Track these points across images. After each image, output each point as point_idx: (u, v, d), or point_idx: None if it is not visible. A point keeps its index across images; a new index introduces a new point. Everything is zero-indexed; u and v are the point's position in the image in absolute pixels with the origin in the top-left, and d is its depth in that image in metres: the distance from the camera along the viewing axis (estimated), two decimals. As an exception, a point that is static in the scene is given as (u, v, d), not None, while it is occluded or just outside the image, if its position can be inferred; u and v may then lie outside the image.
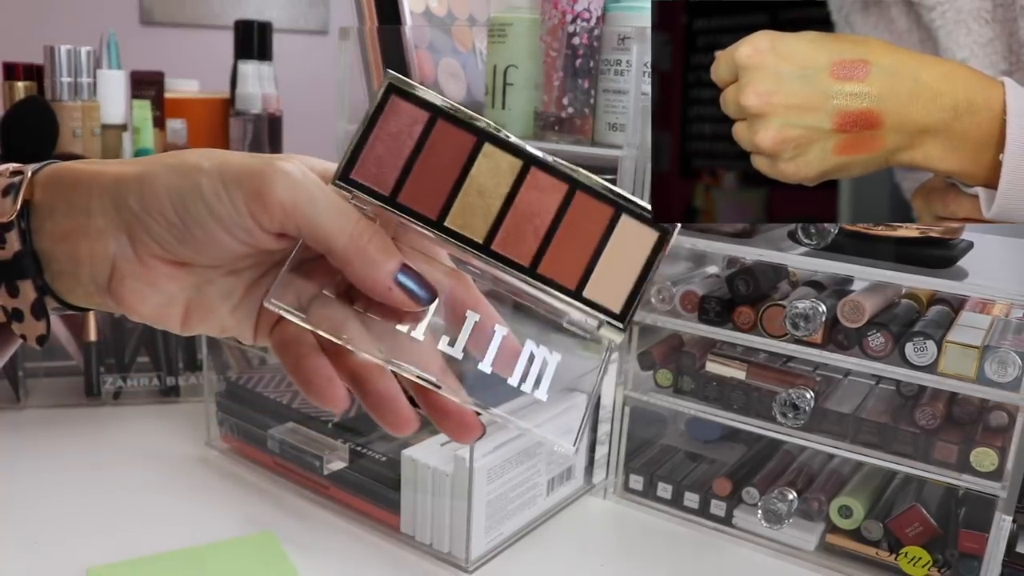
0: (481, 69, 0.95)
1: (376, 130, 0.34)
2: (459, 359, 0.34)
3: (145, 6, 2.49)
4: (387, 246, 0.33)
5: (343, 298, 0.35)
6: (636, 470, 0.76)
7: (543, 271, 0.33)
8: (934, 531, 0.64)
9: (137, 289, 0.34)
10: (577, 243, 0.34)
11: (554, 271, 0.33)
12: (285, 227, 0.33)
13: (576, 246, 0.34)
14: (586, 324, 0.34)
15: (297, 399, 0.77)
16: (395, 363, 0.34)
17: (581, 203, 0.34)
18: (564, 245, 0.34)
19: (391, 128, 0.34)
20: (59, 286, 0.35)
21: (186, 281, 0.35)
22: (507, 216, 0.34)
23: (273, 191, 0.32)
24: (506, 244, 0.34)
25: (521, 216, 0.34)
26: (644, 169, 0.70)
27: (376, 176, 0.34)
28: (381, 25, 0.90)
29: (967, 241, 0.67)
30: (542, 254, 0.34)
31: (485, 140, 0.34)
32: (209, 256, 0.34)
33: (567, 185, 0.34)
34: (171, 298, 0.35)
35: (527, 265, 0.33)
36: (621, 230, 0.34)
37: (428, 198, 0.34)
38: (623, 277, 0.34)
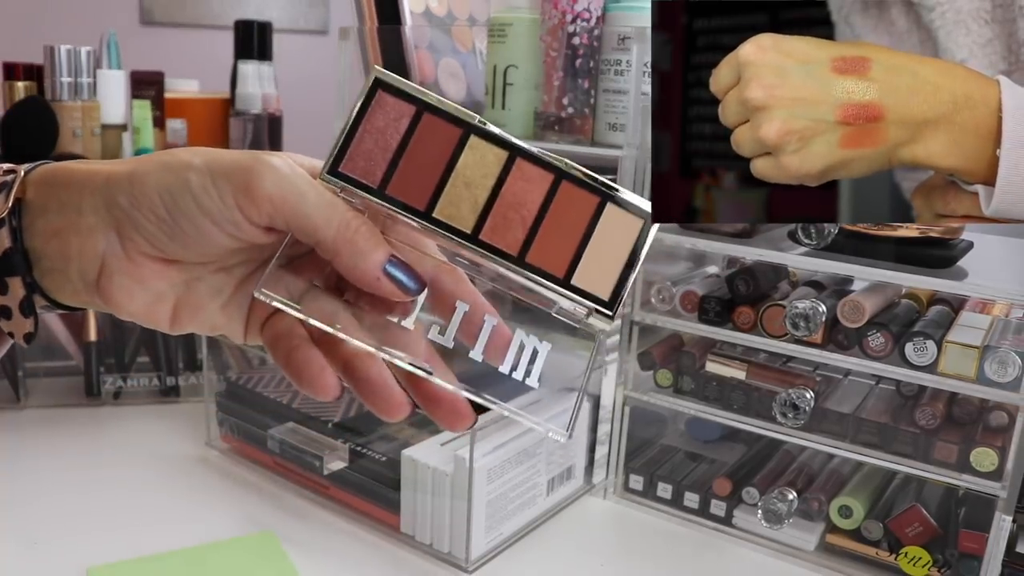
0: (481, 69, 0.95)
1: (363, 124, 0.34)
2: (449, 347, 0.34)
3: (145, 6, 2.49)
4: (375, 237, 0.33)
5: (333, 291, 0.36)
6: (636, 470, 0.76)
7: (531, 260, 0.34)
8: (934, 531, 0.64)
9: (125, 286, 0.34)
10: (564, 232, 0.34)
11: (542, 260, 0.34)
12: (273, 220, 0.33)
13: (563, 235, 0.34)
14: (576, 313, 0.34)
15: (297, 399, 0.77)
16: (386, 351, 0.34)
17: (567, 192, 0.34)
18: (551, 234, 0.34)
19: (378, 122, 0.34)
20: (48, 284, 0.35)
21: (175, 278, 0.35)
22: (494, 206, 0.34)
23: (261, 184, 0.32)
24: (494, 234, 0.34)
25: (508, 206, 0.34)
26: (644, 169, 0.70)
27: (364, 169, 0.34)
28: (381, 25, 0.90)
29: (967, 241, 0.67)
30: (530, 243, 0.34)
31: (471, 132, 0.34)
32: (198, 252, 0.34)
33: (553, 175, 0.35)
34: (160, 295, 0.35)
35: (515, 254, 0.34)
36: (607, 218, 0.34)
37: (416, 190, 0.34)
38: (610, 265, 0.34)
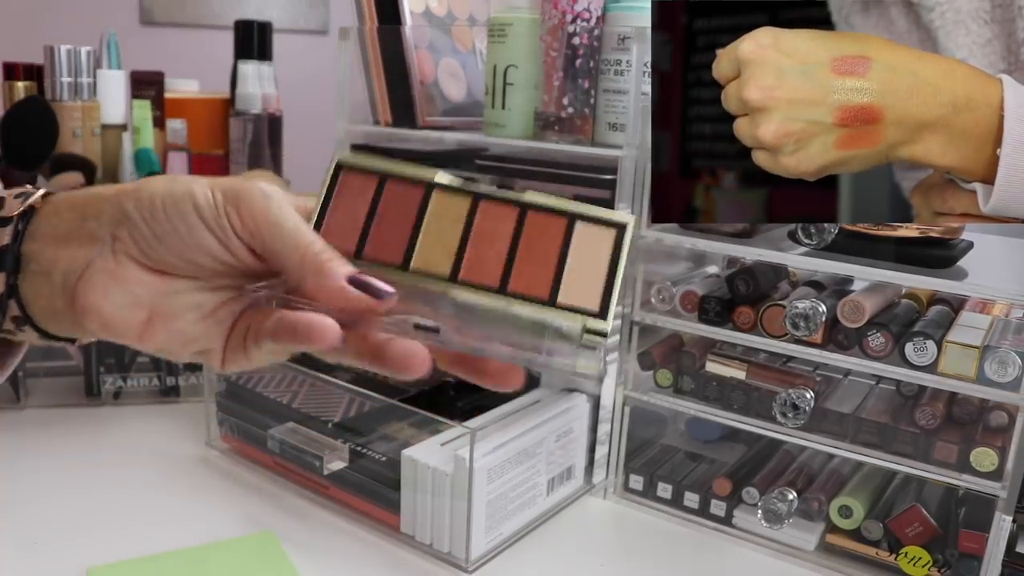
0: (481, 69, 0.95)
1: (332, 203, 0.38)
2: (437, 330, 0.36)
3: (145, 6, 2.49)
4: (339, 258, 0.36)
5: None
6: (636, 470, 0.76)
7: (514, 289, 0.36)
8: (934, 531, 0.64)
9: (103, 284, 0.35)
10: (540, 258, 0.36)
11: (525, 287, 0.36)
12: (253, 238, 0.35)
13: (540, 261, 0.36)
14: (572, 331, 0.36)
15: (297, 399, 0.77)
16: (389, 327, 0.35)
17: (534, 222, 0.37)
18: (528, 262, 0.36)
19: (345, 199, 0.38)
20: (26, 288, 0.37)
21: (156, 287, 0.36)
22: (467, 249, 0.37)
23: (251, 200, 0.36)
24: (471, 272, 0.36)
25: (480, 246, 0.37)
26: (644, 169, 0.70)
27: (339, 241, 0.37)
28: (381, 25, 0.90)
29: (967, 241, 0.67)
30: (509, 274, 0.36)
31: (432, 189, 0.38)
32: (185, 259, 0.36)
33: (516, 209, 0.37)
34: (136, 300, 0.36)
35: (496, 287, 0.36)
36: (579, 236, 0.37)
37: (390, 250, 0.37)
38: (593, 277, 0.36)
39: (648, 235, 0.72)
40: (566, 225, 0.36)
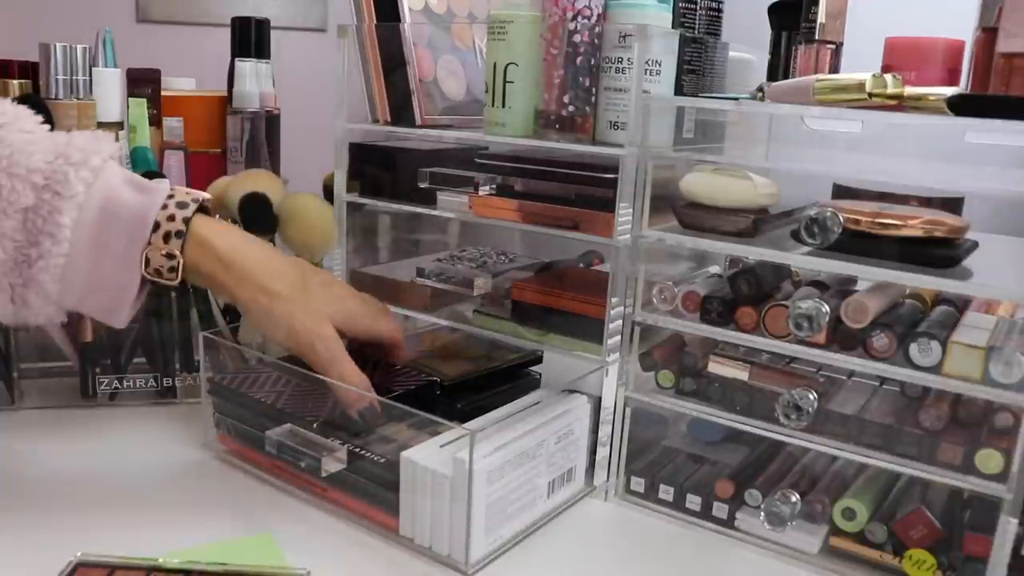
0: (481, 67, 0.94)
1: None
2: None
3: (141, 4, 2.48)
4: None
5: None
6: (638, 472, 0.75)
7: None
8: (938, 534, 0.63)
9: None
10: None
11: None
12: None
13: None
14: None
15: (282, 399, 0.76)
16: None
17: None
18: None
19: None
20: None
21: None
22: None
23: (315, 353, 0.69)
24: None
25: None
26: (645, 168, 0.70)
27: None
28: (380, 22, 0.89)
29: (972, 241, 0.66)
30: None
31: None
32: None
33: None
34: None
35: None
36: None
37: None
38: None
39: (649, 235, 0.71)
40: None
